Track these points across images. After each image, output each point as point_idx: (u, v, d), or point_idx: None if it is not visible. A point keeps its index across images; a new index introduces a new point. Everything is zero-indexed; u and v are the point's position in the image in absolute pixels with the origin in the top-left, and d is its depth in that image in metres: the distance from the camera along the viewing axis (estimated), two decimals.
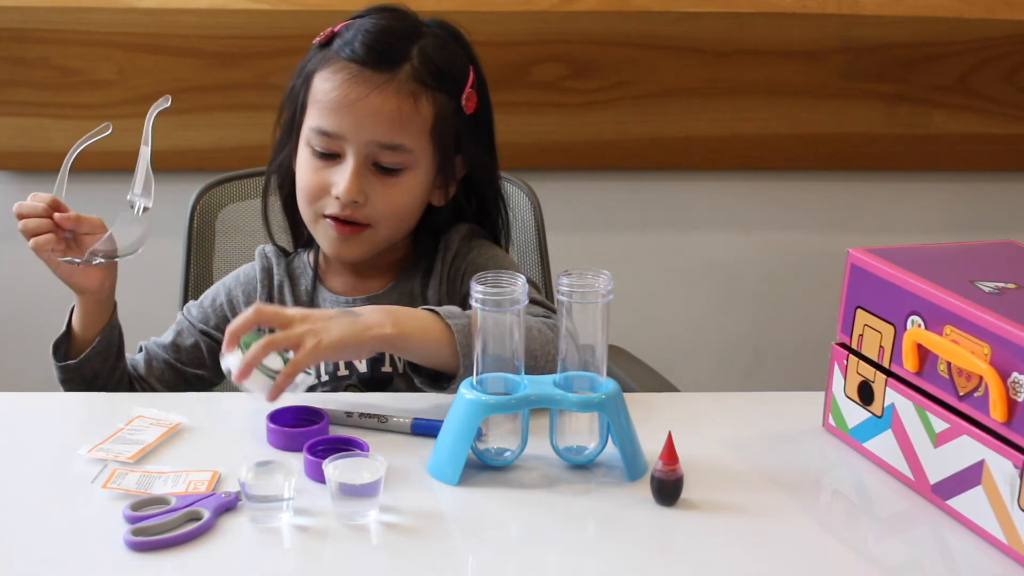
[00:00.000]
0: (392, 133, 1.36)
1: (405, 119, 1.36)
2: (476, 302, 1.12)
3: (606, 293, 1.13)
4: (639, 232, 2.38)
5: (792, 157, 2.34)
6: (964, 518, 1.09)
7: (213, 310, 1.51)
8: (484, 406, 1.14)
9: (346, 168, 1.37)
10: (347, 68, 1.37)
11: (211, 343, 1.50)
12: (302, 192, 1.41)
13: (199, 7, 2.12)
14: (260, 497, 1.06)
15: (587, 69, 2.22)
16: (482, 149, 1.46)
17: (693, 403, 1.33)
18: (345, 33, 1.39)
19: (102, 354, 1.41)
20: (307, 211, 1.42)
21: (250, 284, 1.51)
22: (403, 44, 1.38)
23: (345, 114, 1.36)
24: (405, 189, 1.40)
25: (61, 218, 1.34)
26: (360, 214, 1.38)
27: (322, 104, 1.37)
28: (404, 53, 1.37)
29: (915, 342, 1.13)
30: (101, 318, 1.41)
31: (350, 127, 1.36)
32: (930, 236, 2.40)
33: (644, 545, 1.06)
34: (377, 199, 1.38)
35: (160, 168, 1.42)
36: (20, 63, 2.12)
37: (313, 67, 1.40)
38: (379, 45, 1.37)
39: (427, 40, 1.40)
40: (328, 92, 1.37)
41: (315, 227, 1.42)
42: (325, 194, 1.39)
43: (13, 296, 2.28)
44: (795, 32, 2.24)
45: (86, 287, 1.38)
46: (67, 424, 1.28)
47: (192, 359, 1.50)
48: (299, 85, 1.42)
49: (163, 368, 1.49)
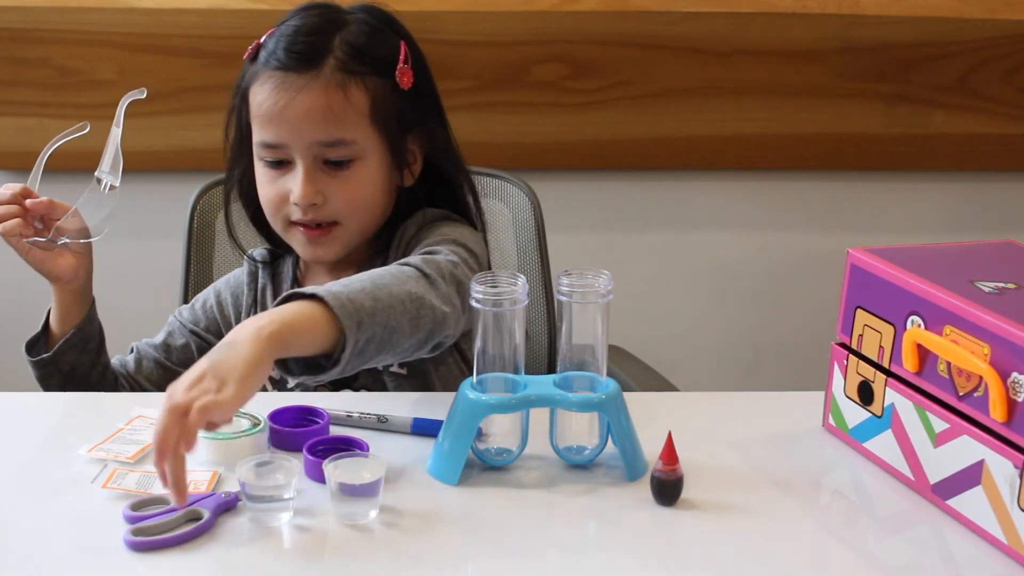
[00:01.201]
0: (328, 130, 1.36)
1: (338, 112, 1.36)
2: (476, 302, 1.12)
3: (606, 293, 1.13)
4: (639, 232, 2.38)
5: (792, 157, 2.34)
6: (964, 518, 1.09)
7: (204, 312, 1.53)
8: (484, 406, 1.14)
9: (297, 174, 1.37)
10: (272, 77, 1.37)
11: (201, 343, 1.51)
12: (266, 206, 1.42)
13: (199, 7, 2.12)
14: (260, 497, 1.06)
15: (587, 69, 2.22)
16: (431, 122, 1.45)
17: (693, 403, 1.33)
18: (268, 43, 1.39)
19: (77, 346, 1.41)
20: (275, 222, 1.43)
21: (238, 287, 1.53)
22: (323, 39, 1.37)
23: (279, 122, 1.36)
24: (360, 180, 1.39)
25: (33, 203, 1.36)
26: (322, 215, 1.39)
27: (259, 118, 1.38)
28: (325, 47, 1.37)
29: (915, 342, 1.13)
30: (77, 312, 1.42)
31: (287, 134, 1.36)
32: (930, 236, 2.40)
33: (644, 545, 1.06)
34: (335, 196, 1.38)
35: (160, 168, 1.42)
36: (20, 63, 2.12)
37: (246, 83, 1.41)
38: (298, 46, 1.37)
39: (350, 28, 1.39)
40: (261, 105, 1.37)
41: (287, 235, 1.43)
42: (286, 203, 1.39)
43: (13, 296, 2.27)
44: (795, 32, 2.23)
45: (59, 275, 1.39)
46: (67, 424, 1.28)
47: (182, 359, 1.50)
48: (238, 103, 1.43)
49: (152, 367, 1.50)
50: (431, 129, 1.45)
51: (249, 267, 1.53)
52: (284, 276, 1.52)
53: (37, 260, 1.38)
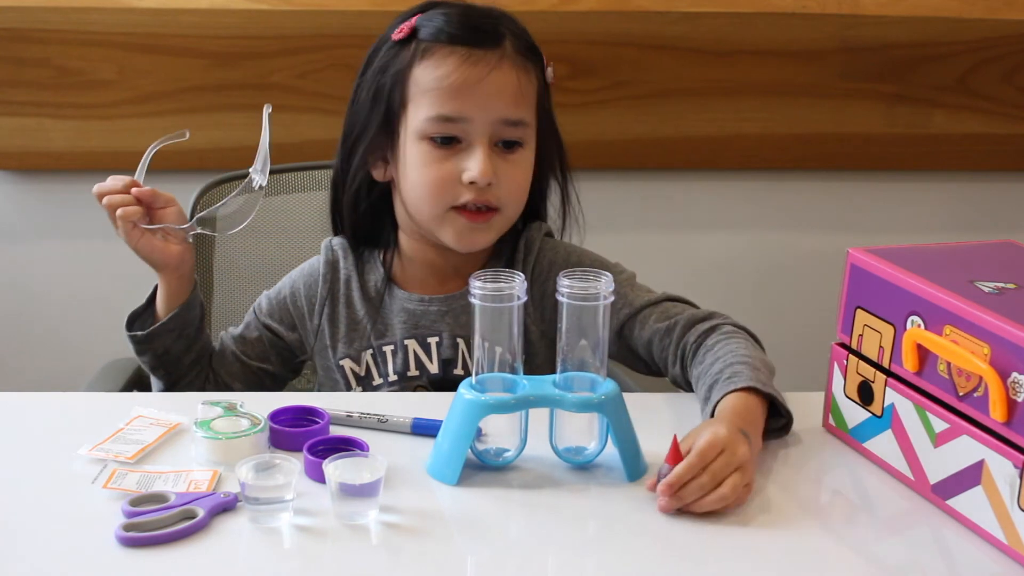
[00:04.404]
0: (515, 108, 1.36)
1: (524, 92, 1.37)
2: (475, 298, 1.12)
3: (606, 294, 1.13)
4: (639, 232, 2.38)
5: (792, 157, 2.34)
6: (964, 518, 1.09)
7: (278, 303, 1.51)
8: (483, 406, 1.14)
9: (475, 151, 1.35)
10: (455, 52, 1.35)
11: (272, 337, 1.50)
12: (426, 188, 1.37)
13: (199, 7, 2.12)
14: (260, 497, 1.06)
15: (587, 69, 2.22)
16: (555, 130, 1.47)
17: (693, 403, 1.33)
18: (427, 24, 1.37)
19: (174, 332, 1.42)
20: (432, 207, 1.38)
21: (312, 277, 1.49)
22: (493, 22, 1.37)
23: (468, 95, 1.34)
24: (524, 166, 1.40)
25: (139, 191, 1.36)
26: (492, 197, 1.37)
27: (438, 92, 1.34)
28: (498, 29, 1.37)
29: (915, 342, 1.13)
30: (179, 297, 1.42)
31: (476, 108, 1.34)
32: (930, 236, 2.40)
33: (643, 545, 1.06)
34: (504, 179, 1.37)
35: (160, 168, 1.42)
36: (20, 63, 2.12)
37: (404, 63, 1.37)
38: (477, 23, 1.36)
39: (507, 18, 1.39)
40: (443, 79, 1.34)
41: (440, 222, 1.38)
42: (454, 183, 1.36)
43: (13, 296, 2.28)
44: (795, 32, 2.23)
45: (167, 263, 1.39)
46: (67, 424, 1.28)
47: (257, 352, 1.50)
48: (388, 85, 1.38)
49: (232, 361, 1.49)
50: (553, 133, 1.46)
51: (328, 256, 1.49)
52: (372, 269, 1.48)
53: (147, 249, 1.38)
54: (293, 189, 1.76)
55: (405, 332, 1.44)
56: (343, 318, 1.47)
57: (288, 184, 1.76)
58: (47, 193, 2.23)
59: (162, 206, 1.38)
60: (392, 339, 1.45)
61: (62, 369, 2.24)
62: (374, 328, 1.45)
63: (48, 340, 2.30)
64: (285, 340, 1.50)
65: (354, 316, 1.47)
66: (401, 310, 1.45)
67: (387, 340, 1.45)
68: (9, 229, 2.25)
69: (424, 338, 1.44)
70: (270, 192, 1.75)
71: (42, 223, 2.25)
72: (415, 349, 1.44)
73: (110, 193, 1.36)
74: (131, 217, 1.35)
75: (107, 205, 1.36)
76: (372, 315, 1.45)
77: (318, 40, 2.13)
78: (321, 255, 1.50)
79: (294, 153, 1.92)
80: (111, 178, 1.37)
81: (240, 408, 1.21)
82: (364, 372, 1.45)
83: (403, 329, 1.44)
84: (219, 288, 1.75)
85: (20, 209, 2.24)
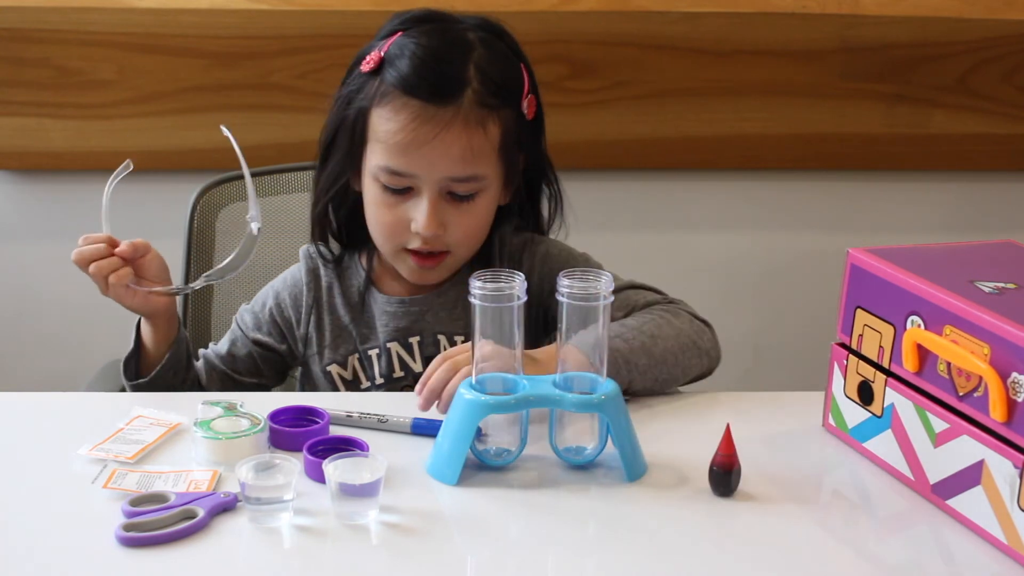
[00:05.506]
0: (465, 167, 1.35)
1: (476, 150, 1.34)
2: (475, 298, 1.12)
3: (606, 294, 1.13)
4: (639, 232, 2.38)
5: (792, 157, 2.34)
6: (964, 518, 1.09)
7: (264, 316, 1.51)
8: (483, 406, 1.14)
9: (422, 203, 1.35)
10: (408, 106, 1.33)
11: (263, 352, 1.50)
12: (379, 229, 1.40)
13: (199, 7, 2.11)
14: (260, 497, 1.06)
15: (587, 69, 2.22)
16: (539, 142, 1.46)
17: (693, 403, 1.33)
18: (395, 60, 1.35)
19: (173, 367, 1.42)
20: (386, 246, 1.41)
21: (296, 287, 1.50)
22: (458, 67, 1.34)
23: (415, 156, 1.34)
24: (480, 211, 1.39)
25: (121, 251, 1.34)
26: (440, 244, 1.38)
27: (388, 145, 1.35)
28: (462, 77, 1.33)
29: (915, 342, 1.13)
30: (171, 333, 1.41)
31: (423, 167, 1.34)
32: (930, 236, 2.40)
33: (643, 545, 1.06)
34: (454, 226, 1.37)
35: (160, 168, 1.42)
36: (20, 63, 2.12)
37: (367, 101, 1.36)
38: (436, 76, 1.33)
39: (479, 52, 1.36)
40: (394, 134, 1.34)
41: (394, 259, 1.42)
42: (404, 230, 1.38)
43: (13, 296, 2.28)
44: (795, 32, 2.23)
45: (157, 312, 1.39)
46: (67, 424, 1.28)
47: (248, 368, 1.50)
48: (352, 117, 1.38)
49: (222, 379, 1.49)
50: (538, 148, 1.45)
51: (308, 265, 1.50)
52: (352, 274, 1.49)
53: (140, 304, 1.37)
54: (293, 189, 1.76)
55: (387, 335, 1.46)
56: (328, 325, 1.48)
57: (288, 184, 1.76)
58: (47, 193, 2.23)
59: (141, 255, 1.36)
60: (376, 343, 1.46)
61: (62, 369, 2.24)
62: (359, 333, 1.46)
63: (48, 340, 2.29)
64: (277, 351, 1.50)
65: (339, 322, 1.48)
66: (382, 313, 1.46)
67: (371, 344, 1.47)
68: (9, 229, 2.25)
69: (406, 339, 1.45)
70: (270, 192, 1.75)
71: (42, 223, 2.25)
72: (397, 351, 1.45)
73: (94, 259, 1.32)
74: (124, 280, 1.33)
75: (95, 273, 1.32)
76: (356, 320, 1.47)
77: (318, 40, 2.13)
78: (301, 263, 1.51)
79: (294, 153, 1.92)
80: (86, 240, 1.34)
81: (240, 408, 1.21)
82: (351, 376, 1.46)
83: (385, 332, 1.46)
84: (219, 288, 1.75)
85: (20, 209, 2.24)
